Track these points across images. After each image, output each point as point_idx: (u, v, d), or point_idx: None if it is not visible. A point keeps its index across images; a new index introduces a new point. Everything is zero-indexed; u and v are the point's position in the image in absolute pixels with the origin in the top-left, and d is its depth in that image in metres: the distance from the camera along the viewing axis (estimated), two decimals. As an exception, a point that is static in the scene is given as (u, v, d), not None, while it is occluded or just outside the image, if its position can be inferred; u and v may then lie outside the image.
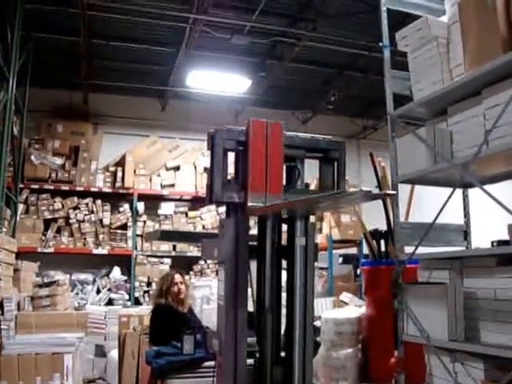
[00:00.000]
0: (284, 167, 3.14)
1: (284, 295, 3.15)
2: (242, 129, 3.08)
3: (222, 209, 9.40)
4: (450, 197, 3.37)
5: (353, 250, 8.77)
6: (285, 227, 3.18)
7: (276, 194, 3.00)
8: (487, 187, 3.40)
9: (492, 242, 4.44)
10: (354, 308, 4.89)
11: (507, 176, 4.03)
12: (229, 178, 3.07)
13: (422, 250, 3.65)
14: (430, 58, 3.89)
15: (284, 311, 3.14)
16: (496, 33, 3.28)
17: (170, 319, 4.87)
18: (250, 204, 2.94)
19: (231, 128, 3.09)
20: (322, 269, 8.31)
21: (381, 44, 4.20)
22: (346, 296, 6.43)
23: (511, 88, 3.12)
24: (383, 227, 4.47)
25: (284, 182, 3.16)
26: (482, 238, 5.26)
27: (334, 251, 8.26)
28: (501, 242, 3.46)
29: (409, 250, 3.74)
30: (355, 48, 8.11)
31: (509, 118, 3.12)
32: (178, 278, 5.18)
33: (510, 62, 3.13)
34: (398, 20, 4.46)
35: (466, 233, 4.24)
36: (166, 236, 6.30)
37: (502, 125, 3.15)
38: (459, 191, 4.11)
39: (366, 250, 6.14)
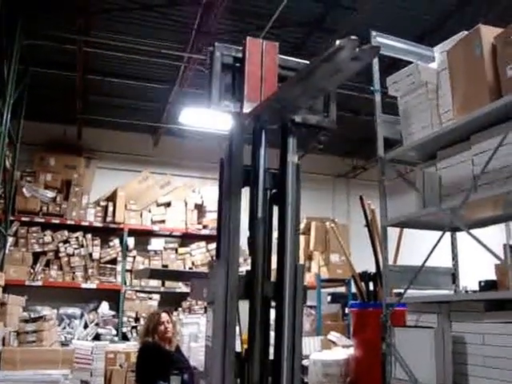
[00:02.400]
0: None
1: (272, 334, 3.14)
2: (240, 48, 3.23)
3: (213, 245, 9.41)
4: (438, 241, 3.41)
5: (341, 289, 8.75)
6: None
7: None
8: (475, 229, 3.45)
9: (479, 282, 4.46)
10: (342, 349, 4.87)
11: (495, 220, 4.08)
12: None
13: (409, 291, 3.67)
14: (419, 103, 3.99)
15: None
16: (483, 81, 3.38)
17: (158, 359, 4.82)
18: (245, 111, 3.05)
19: (228, 46, 3.24)
20: (310, 307, 8.27)
21: (372, 89, 4.29)
22: (333, 335, 6.39)
23: (499, 135, 3.19)
24: (372, 268, 4.50)
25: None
26: (470, 278, 5.31)
27: (323, 290, 8.23)
28: (488, 282, 3.50)
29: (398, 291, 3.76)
30: (346, 89, 8.24)
31: (497, 164, 3.18)
32: (164, 317, 5.14)
33: (497, 109, 3.22)
34: (389, 63, 4.57)
35: (454, 276, 4.26)
36: (155, 274, 6.27)
37: (490, 171, 3.21)
38: (447, 234, 4.15)
39: (354, 289, 6.15)
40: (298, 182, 3.10)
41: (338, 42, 2.27)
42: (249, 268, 3.15)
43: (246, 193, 3.15)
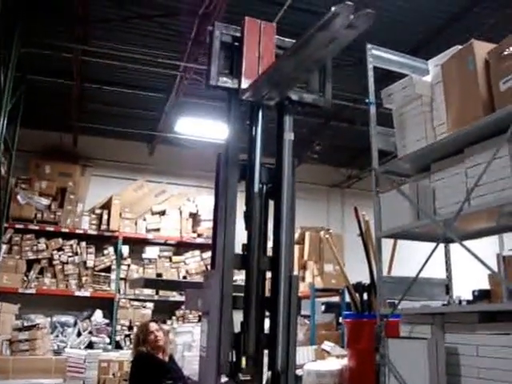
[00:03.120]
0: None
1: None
2: (239, 28, 3.33)
3: (207, 254, 9.42)
4: (432, 252, 3.43)
5: (335, 299, 8.77)
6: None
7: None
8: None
9: (473, 292, 4.48)
10: (336, 359, 4.88)
11: (488, 232, 4.12)
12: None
13: (403, 302, 3.69)
14: (414, 115, 4.03)
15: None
16: (477, 95, 3.43)
17: (152, 368, 4.80)
18: (243, 87, 3.13)
19: (228, 25, 3.35)
20: (304, 317, 8.27)
21: (367, 101, 4.33)
22: (327, 345, 6.40)
23: (492, 148, 3.23)
24: (366, 279, 4.52)
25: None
26: (464, 287, 5.34)
27: (317, 299, 8.25)
28: (481, 292, 3.53)
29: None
30: (341, 99, 8.29)
31: (490, 178, 3.22)
32: (152, 326, 5.09)
33: (490, 123, 3.26)
34: (383, 73, 4.61)
35: (447, 287, 4.29)
36: (149, 284, 6.26)
37: (484, 183, 3.25)
38: (441, 245, 4.18)
39: (348, 299, 6.16)
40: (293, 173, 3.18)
41: (333, 9, 2.28)
42: (243, 278, 3.18)
43: (241, 200, 3.17)
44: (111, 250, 9.16)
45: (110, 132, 9.46)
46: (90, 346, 8.40)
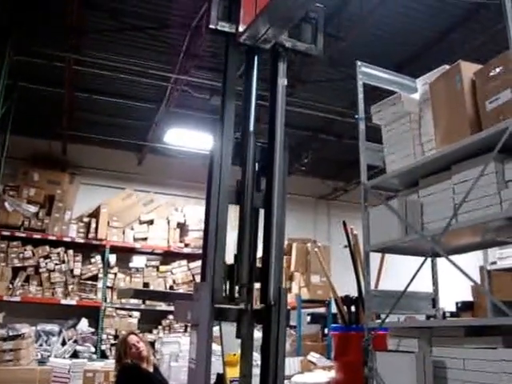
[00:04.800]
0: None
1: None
2: None
3: (195, 264, 9.44)
4: (420, 267, 3.50)
5: (321, 310, 8.82)
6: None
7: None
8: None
9: (456, 303, 4.55)
10: (323, 372, 4.92)
11: (474, 247, 4.21)
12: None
13: (390, 315, 3.75)
14: (402, 132, 4.12)
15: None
16: (464, 114, 3.52)
17: (137, 380, 4.78)
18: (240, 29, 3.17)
19: None
20: (290, 327, 8.31)
21: (356, 116, 4.41)
22: (313, 356, 6.43)
23: (479, 166, 3.31)
24: (351, 291, 4.57)
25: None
26: (447, 299, 5.42)
27: (303, 310, 8.30)
28: (465, 303, 3.59)
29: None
30: (330, 113, 8.41)
31: (477, 194, 3.30)
32: (132, 338, 5.01)
33: (477, 142, 3.35)
34: (370, 88, 4.71)
35: (434, 300, 4.36)
36: (138, 294, 6.24)
37: (470, 200, 3.33)
38: (428, 259, 4.25)
39: (334, 309, 6.21)
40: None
41: None
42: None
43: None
44: (98, 258, 9.14)
45: (100, 141, 9.46)
46: (75, 355, 8.33)
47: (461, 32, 6.41)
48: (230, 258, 3.12)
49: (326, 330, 8.39)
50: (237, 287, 2.98)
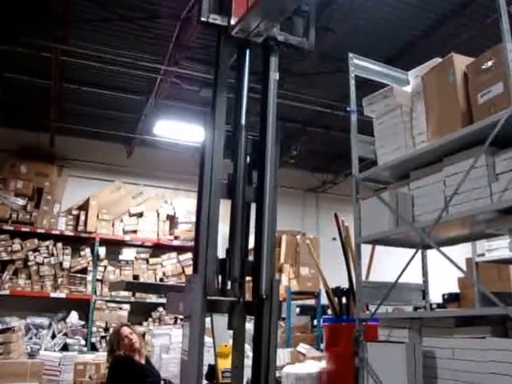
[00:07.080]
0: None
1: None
2: None
3: (184, 256, 9.45)
4: (412, 258, 3.53)
5: (310, 301, 8.87)
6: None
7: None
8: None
9: (443, 295, 4.58)
10: (314, 362, 4.95)
11: (464, 239, 4.24)
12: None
13: (381, 307, 3.78)
14: (394, 124, 4.13)
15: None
16: (456, 107, 3.54)
17: (131, 371, 4.79)
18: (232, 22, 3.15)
19: None
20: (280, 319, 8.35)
21: (348, 109, 4.41)
22: (303, 347, 6.48)
23: (470, 158, 3.34)
24: (340, 282, 4.60)
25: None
26: (433, 291, 5.47)
27: (292, 302, 8.34)
28: (451, 295, 3.62)
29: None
30: (319, 106, 8.41)
31: (467, 187, 3.33)
32: (125, 330, 5.00)
33: (468, 134, 3.37)
34: (361, 80, 4.71)
35: (424, 292, 4.39)
36: (130, 287, 6.22)
37: (461, 192, 3.35)
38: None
39: (323, 301, 6.23)
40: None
41: None
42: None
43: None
44: (88, 251, 9.12)
45: (88, 133, 9.39)
46: (65, 348, 8.33)
47: (450, 26, 6.42)
48: (221, 252, 3.14)
49: (315, 322, 8.45)
50: (229, 282, 2.98)
